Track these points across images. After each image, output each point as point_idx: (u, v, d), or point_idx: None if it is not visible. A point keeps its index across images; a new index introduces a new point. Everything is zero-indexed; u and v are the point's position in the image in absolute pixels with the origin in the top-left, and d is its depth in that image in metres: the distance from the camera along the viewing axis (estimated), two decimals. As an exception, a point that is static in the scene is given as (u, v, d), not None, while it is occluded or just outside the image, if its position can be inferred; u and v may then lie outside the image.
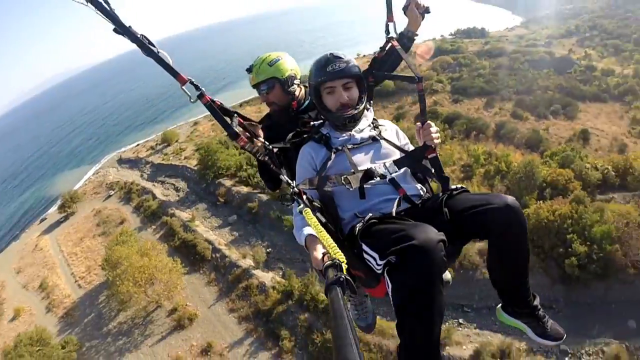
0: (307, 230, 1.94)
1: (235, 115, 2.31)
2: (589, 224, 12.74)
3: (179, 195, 25.52)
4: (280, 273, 16.71)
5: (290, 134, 2.54)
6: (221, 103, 2.22)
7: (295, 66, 2.76)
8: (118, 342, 17.15)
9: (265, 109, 2.87)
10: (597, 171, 17.26)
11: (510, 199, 1.84)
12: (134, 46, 1.75)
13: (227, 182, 23.76)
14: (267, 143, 2.23)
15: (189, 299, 17.35)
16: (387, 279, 1.64)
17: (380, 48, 2.60)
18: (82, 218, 27.76)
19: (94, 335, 17.71)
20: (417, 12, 2.57)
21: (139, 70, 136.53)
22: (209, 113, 1.95)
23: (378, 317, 12.81)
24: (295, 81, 2.74)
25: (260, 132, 2.55)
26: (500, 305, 2.17)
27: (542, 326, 2.02)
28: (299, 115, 2.64)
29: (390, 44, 2.54)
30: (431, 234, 1.58)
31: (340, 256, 1.43)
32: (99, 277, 20.80)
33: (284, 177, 2.08)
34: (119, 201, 28.16)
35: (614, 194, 16.57)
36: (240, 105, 39.46)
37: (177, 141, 34.79)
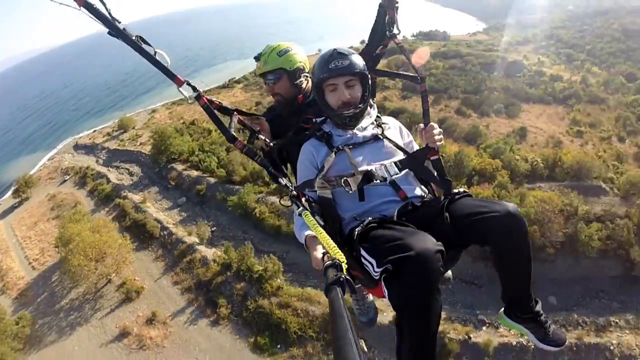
0: (306, 230, 1.95)
1: (235, 113, 2.32)
2: None
3: (132, 180, 26.48)
4: (223, 249, 18.13)
5: (292, 130, 2.50)
6: (220, 102, 2.25)
7: (305, 58, 2.72)
8: (70, 318, 18.19)
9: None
10: (526, 163, 19.17)
11: (512, 206, 1.83)
12: (100, 28, 1.74)
13: (179, 167, 24.96)
14: (267, 140, 2.24)
15: (137, 274, 18.60)
16: (384, 285, 1.65)
17: (383, 45, 2.64)
18: (36, 203, 28.22)
19: (47, 313, 18.64)
20: (393, 4, 2.53)
21: (102, 54, 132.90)
22: (168, 102, 2.49)
23: (308, 287, 14.42)
24: (304, 74, 2.70)
25: (265, 126, 2.57)
26: (503, 309, 2.19)
27: (544, 332, 2.04)
28: (303, 109, 2.59)
29: (388, 41, 2.60)
30: (428, 244, 1.59)
31: (340, 256, 1.46)
32: (53, 259, 21.61)
33: (282, 180, 2.13)
34: (73, 186, 28.76)
35: (541, 183, 18.21)
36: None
37: (133, 128, 35.40)
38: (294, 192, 2.04)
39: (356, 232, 1.89)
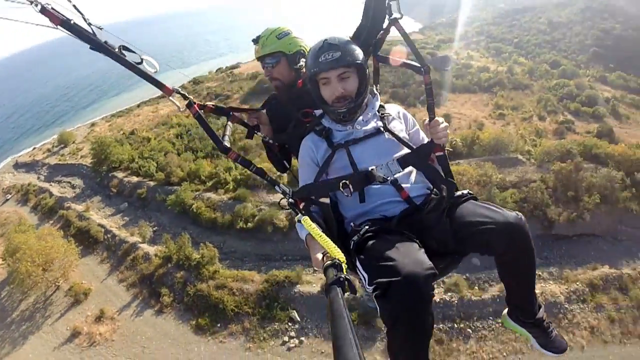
0: (307, 230, 1.90)
1: (231, 114, 2.33)
2: None
3: (75, 192, 27.11)
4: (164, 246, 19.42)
5: (292, 124, 2.48)
6: (214, 105, 2.26)
7: (305, 43, 2.67)
8: (22, 328, 18.77)
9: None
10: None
11: (514, 215, 1.82)
12: (45, 38, 2.45)
13: (120, 175, 25.94)
14: (266, 137, 2.25)
15: (84, 277, 19.59)
16: (375, 302, 1.66)
17: (384, 29, 2.47)
18: (-22, 225, 28.22)
19: (-2, 328, 19.11)
20: None
21: (42, 68, 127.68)
22: (107, 115, 2.64)
23: (244, 270, 15.86)
24: (304, 58, 2.61)
25: (264, 118, 2.60)
26: (506, 310, 2.24)
27: (546, 337, 2.07)
28: (302, 94, 2.47)
29: (391, 26, 2.44)
30: (418, 268, 1.60)
31: (340, 256, 1.50)
32: (1, 275, 22.03)
33: (279, 188, 2.15)
34: (16, 204, 28.94)
35: (460, 160, 19.88)
36: (138, 105, 40.75)
37: (74, 142, 35.67)
38: (291, 200, 2.07)
39: (353, 242, 1.89)
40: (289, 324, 12.77)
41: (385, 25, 2.44)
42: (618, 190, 15.40)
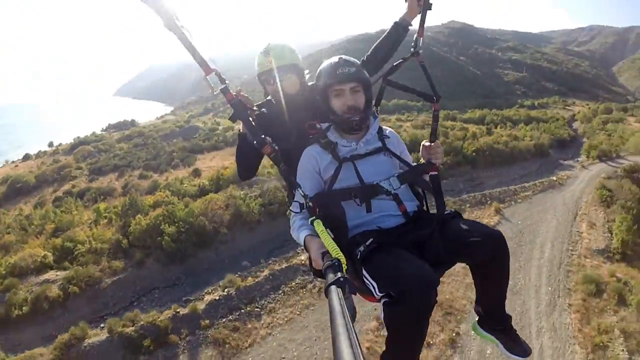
0: (306, 231, 2.05)
1: (249, 111, 2.37)
2: (177, 214, 15.32)
3: None
4: None
5: (295, 134, 2.52)
6: (236, 95, 2.28)
7: None
8: None
9: None
10: (194, 186, 21.68)
11: (496, 230, 2.08)
12: None
13: None
14: (273, 144, 2.26)
15: None
16: (383, 307, 1.75)
17: (403, 59, 2.67)
18: None
19: None
20: (416, 3, 2.65)
21: None
22: None
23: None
24: (305, 73, 2.73)
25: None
26: (476, 320, 2.40)
27: (513, 342, 2.25)
28: (301, 107, 2.58)
29: (412, 58, 2.67)
30: (426, 277, 1.72)
31: (340, 256, 1.53)
32: None
33: (300, 191, 2.15)
34: None
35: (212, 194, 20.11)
36: None
37: None
38: (310, 204, 2.09)
39: (359, 253, 1.93)
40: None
41: (407, 55, 2.66)
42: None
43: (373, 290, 1.82)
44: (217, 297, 11.31)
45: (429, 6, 2.57)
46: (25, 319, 13.05)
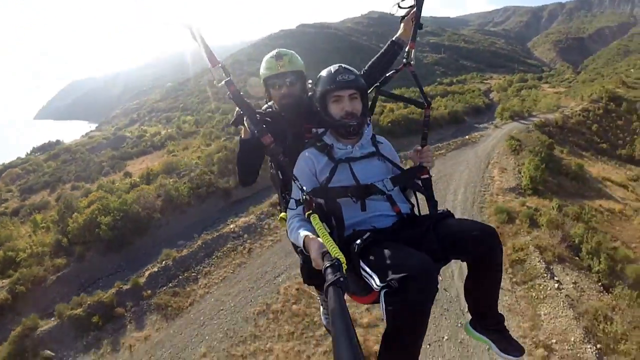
0: (305, 232, 2.05)
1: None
2: (111, 205, 16.03)
3: None
4: None
5: (291, 137, 2.63)
6: (242, 94, 2.38)
7: None
8: None
9: None
10: (125, 184, 22.37)
11: (489, 226, 2.09)
12: None
13: None
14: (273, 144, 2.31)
15: None
16: (383, 300, 1.74)
17: (396, 70, 2.90)
18: None
19: None
20: (410, 26, 2.85)
21: None
22: None
23: None
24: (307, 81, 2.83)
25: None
26: (469, 321, 2.41)
27: (506, 341, 2.25)
28: (308, 112, 2.66)
29: (404, 68, 2.88)
30: (430, 265, 1.76)
31: (341, 256, 1.53)
32: None
33: (298, 184, 2.20)
34: None
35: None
36: None
37: None
38: (307, 197, 2.13)
39: (356, 246, 1.97)
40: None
41: (399, 66, 2.89)
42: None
43: (372, 282, 1.84)
44: (156, 270, 12.50)
45: (420, 26, 2.81)
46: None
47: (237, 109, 2.44)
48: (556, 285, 10.36)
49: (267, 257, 12.59)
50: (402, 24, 2.92)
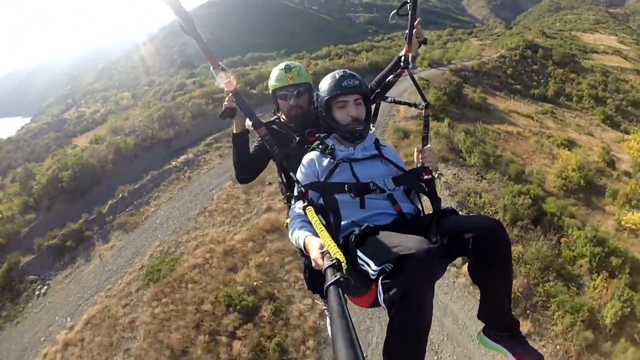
0: (305, 232, 2.07)
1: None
2: (68, 161, 18.45)
3: None
4: None
5: (296, 141, 2.71)
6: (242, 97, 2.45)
7: None
8: None
9: None
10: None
11: (495, 219, 2.08)
12: None
13: None
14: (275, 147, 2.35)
15: None
16: (380, 286, 1.73)
17: (395, 74, 2.98)
18: None
19: None
20: (417, 41, 2.94)
21: None
22: None
23: None
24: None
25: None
26: (482, 329, 2.33)
27: (522, 348, 2.14)
28: (313, 122, 2.74)
29: (402, 72, 2.96)
30: (425, 244, 1.71)
31: (340, 256, 1.58)
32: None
33: (293, 176, 2.31)
34: None
35: None
36: None
37: None
38: (302, 190, 2.22)
39: (354, 235, 1.99)
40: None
41: (397, 71, 2.99)
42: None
43: (369, 269, 1.83)
44: (115, 201, 15.51)
45: (424, 42, 2.98)
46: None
47: (225, 102, 2.59)
48: (436, 175, 14.26)
49: (203, 180, 15.93)
50: (405, 40, 2.99)
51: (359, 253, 1.91)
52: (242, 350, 8.47)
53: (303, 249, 2.05)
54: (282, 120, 3.03)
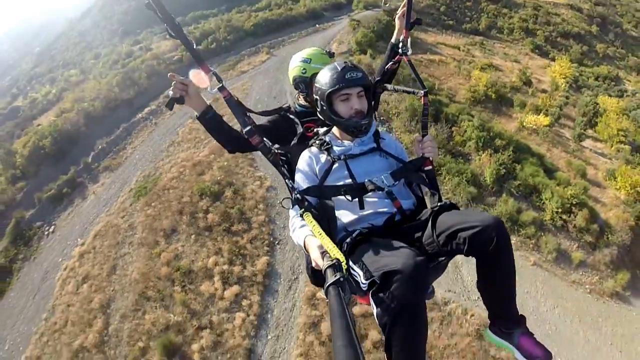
0: (305, 231, 2.10)
1: (248, 113, 2.51)
2: (45, 131, 21.47)
3: None
4: None
5: (295, 138, 2.81)
6: (237, 98, 2.47)
7: None
8: None
9: None
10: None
11: (494, 217, 2.00)
12: None
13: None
14: (269, 143, 2.36)
15: None
16: (372, 299, 1.76)
17: (393, 61, 2.97)
18: None
19: None
20: (404, 24, 2.89)
21: None
22: None
23: None
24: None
25: (192, 91, 2.53)
26: (489, 325, 2.31)
27: (530, 346, 2.12)
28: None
29: (400, 58, 2.94)
30: (412, 256, 1.74)
31: (340, 255, 1.63)
32: None
33: (289, 182, 2.33)
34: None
35: None
36: None
37: None
38: (298, 197, 2.21)
39: (345, 244, 2.05)
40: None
41: (395, 57, 2.97)
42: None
43: (360, 280, 1.87)
44: (96, 152, 19.20)
45: (418, 22, 2.93)
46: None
47: (170, 90, 2.38)
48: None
49: (168, 122, 19.85)
50: (396, 22, 3.02)
51: (351, 263, 1.97)
52: (214, 218, 12.81)
53: (303, 248, 2.10)
54: (297, 107, 3.08)
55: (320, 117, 2.55)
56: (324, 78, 2.43)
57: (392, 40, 3.04)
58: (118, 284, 12.19)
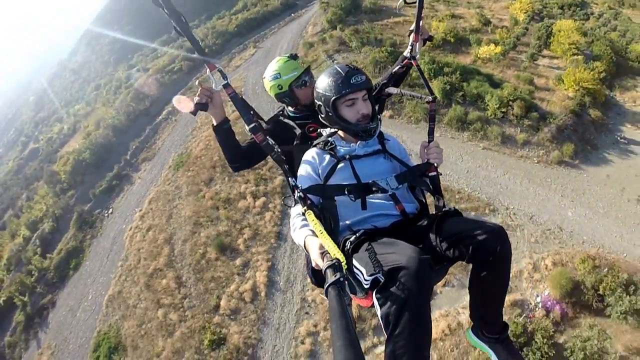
0: (306, 231, 2.18)
1: (252, 111, 2.63)
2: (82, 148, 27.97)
3: None
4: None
5: (298, 138, 2.91)
6: (242, 96, 2.53)
7: None
8: None
9: None
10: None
11: (498, 226, 2.07)
12: None
13: None
14: (272, 141, 2.39)
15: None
16: (375, 298, 1.78)
17: (401, 65, 3.06)
18: None
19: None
20: (420, 38, 2.98)
21: None
22: None
23: None
24: None
25: (217, 101, 2.68)
26: (471, 327, 2.47)
27: (508, 354, 2.28)
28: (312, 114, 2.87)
29: (408, 62, 3.03)
30: (417, 253, 1.77)
31: (340, 255, 1.67)
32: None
33: (292, 181, 2.36)
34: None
35: None
36: None
37: None
38: (301, 195, 2.26)
39: (349, 243, 2.09)
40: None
41: (404, 61, 3.05)
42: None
43: (362, 278, 1.89)
44: (132, 151, 24.43)
45: (430, 38, 3.06)
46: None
47: (197, 96, 2.51)
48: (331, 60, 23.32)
49: (186, 117, 24.86)
50: (410, 38, 2.99)
51: (354, 262, 1.99)
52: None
53: (304, 248, 2.16)
54: (288, 113, 3.17)
55: (324, 122, 2.63)
56: (328, 84, 2.47)
57: (405, 54, 3.06)
58: (176, 223, 17.52)
